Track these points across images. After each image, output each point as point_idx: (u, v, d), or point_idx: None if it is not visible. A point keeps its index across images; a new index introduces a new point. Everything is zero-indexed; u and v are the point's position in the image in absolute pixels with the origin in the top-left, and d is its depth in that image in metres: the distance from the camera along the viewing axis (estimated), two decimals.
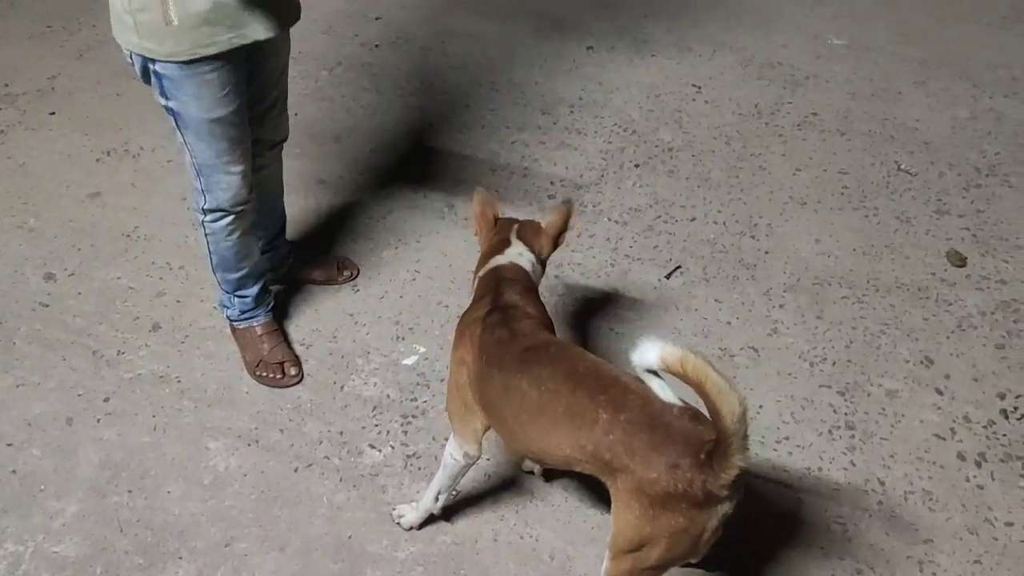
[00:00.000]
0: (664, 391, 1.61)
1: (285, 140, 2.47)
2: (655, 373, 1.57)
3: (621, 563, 1.72)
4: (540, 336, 1.85)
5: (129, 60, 1.99)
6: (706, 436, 1.54)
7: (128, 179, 3.25)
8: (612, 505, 1.69)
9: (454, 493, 2.23)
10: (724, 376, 1.43)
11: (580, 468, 1.73)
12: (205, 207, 2.26)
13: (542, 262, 2.12)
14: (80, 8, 4.18)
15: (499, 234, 2.12)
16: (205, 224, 2.31)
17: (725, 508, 1.59)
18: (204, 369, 2.59)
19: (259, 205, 2.46)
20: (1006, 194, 3.24)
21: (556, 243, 2.14)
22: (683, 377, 1.46)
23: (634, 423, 1.60)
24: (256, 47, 2.01)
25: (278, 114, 2.36)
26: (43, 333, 2.68)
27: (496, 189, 3.20)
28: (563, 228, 2.13)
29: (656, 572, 1.76)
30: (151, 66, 1.95)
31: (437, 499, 2.11)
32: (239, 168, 2.18)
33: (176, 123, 2.07)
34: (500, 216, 2.18)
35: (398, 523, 2.20)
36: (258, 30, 1.95)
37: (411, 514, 2.17)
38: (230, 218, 2.28)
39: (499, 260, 2.07)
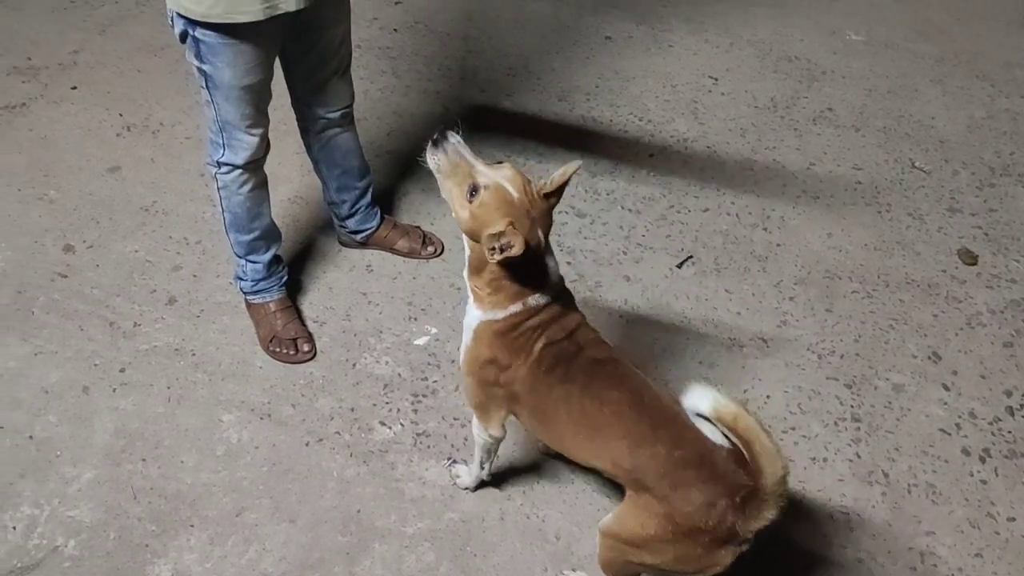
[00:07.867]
0: (714, 433, 1.66)
1: (351, 104, 2.56)
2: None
3: (611, 546, 1.80)
4: (603, 350, 1.86)
5: (170, 23, 2.06)
6: (746, 481, 1.59)
7: (148, 154, 3.28)
8: (626, 501, 1.75)
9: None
10: (772, 440, 1.51)
11: (607, 475, 1.80)
12: (220, 160, 2.33)
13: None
14: None
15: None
16: (218, 177, 2.37)
17: (742, 548, 1.65)
18: (219, 343, 2.62)
19: (336, 170, 2.67)
20: (1019, 194, 3.25)
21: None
22: (733, 432, 1.54)
23: (686, 460, 1.65)
24: (301, 18, 2.09)
25: (339, 81, 2.45)
26: (61, 303, 2.72)
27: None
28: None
29: (642, 569, 1.82)
30: (191, 31, 2.02)
31: (482, 467, 2.18)
32: (259, 131, 2.29)
33: (206, 84, 2.14)
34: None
35: (455, 482, 2.28)
36: (289, 1, 2.00)
37: (465, 476, 2.26)
38: (240, 170, 2.35)
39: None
